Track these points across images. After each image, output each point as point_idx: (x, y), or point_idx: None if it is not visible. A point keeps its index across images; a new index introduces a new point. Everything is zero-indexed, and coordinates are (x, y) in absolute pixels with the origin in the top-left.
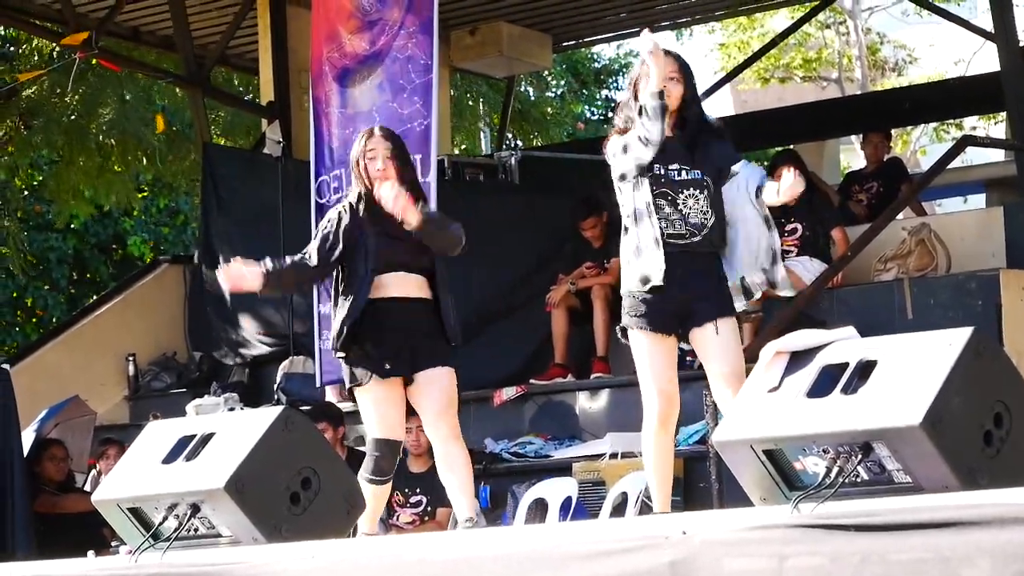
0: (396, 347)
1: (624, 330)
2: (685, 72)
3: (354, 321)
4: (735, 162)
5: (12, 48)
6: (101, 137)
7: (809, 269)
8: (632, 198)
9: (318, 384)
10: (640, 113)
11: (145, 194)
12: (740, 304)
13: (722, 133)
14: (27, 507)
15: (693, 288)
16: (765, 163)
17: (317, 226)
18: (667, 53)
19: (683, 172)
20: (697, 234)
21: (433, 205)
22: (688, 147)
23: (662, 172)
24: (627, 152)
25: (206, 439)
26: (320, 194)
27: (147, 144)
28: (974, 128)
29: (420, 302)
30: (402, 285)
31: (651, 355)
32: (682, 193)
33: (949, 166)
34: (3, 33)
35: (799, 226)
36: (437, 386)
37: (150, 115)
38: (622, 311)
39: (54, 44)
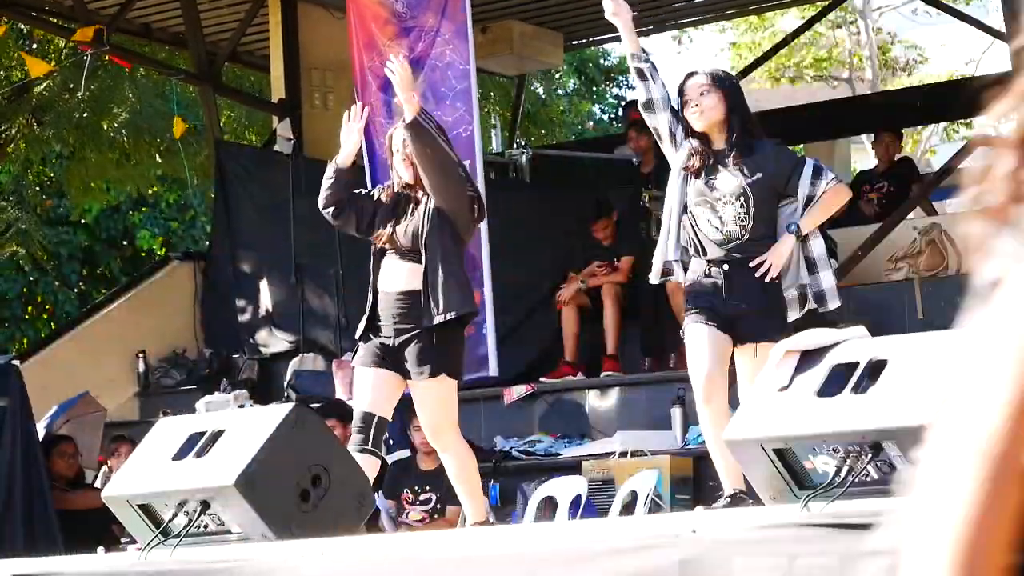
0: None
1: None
2: (717, 83)
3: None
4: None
5: (25, 43)
6: (113, 134)
7: None
8: None
9: None
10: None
11: (156, 189)
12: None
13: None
14: (35, 504)
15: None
16: None
17: None
18: (690, 74)
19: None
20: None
21: None
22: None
23: None
24: None
25: (216, 436)
26: None
27: (161, 140)
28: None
29: (413, 295)
30: (395, 275)
31: None
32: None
33: (960, 166)
34: (23, 30)
35: None
36: (426, 402)
37: (164, 111)
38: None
39: (66, 40)
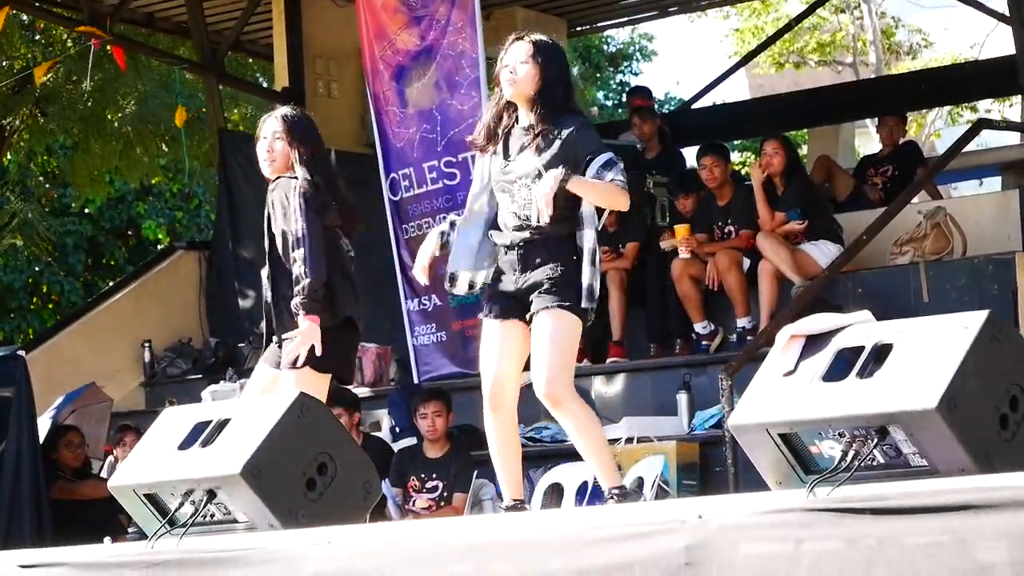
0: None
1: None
2: (539, 55)
3: None
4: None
5: (28, 33)
6: (117, 124)
7: (825, 252)
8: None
9: (417, 380)
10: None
11: (160, 179)
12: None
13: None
14: (38, 494)
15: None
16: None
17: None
18: (516, 39)
19: None
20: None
21: None
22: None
23: None
24: None
25: (222, 425)
26: (393, 191)
27: (166, 131)
28: (988, 111)
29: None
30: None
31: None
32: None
33: (964, 149)
34: (26, 20)
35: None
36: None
37: (168, 101)
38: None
39: (71, 30)
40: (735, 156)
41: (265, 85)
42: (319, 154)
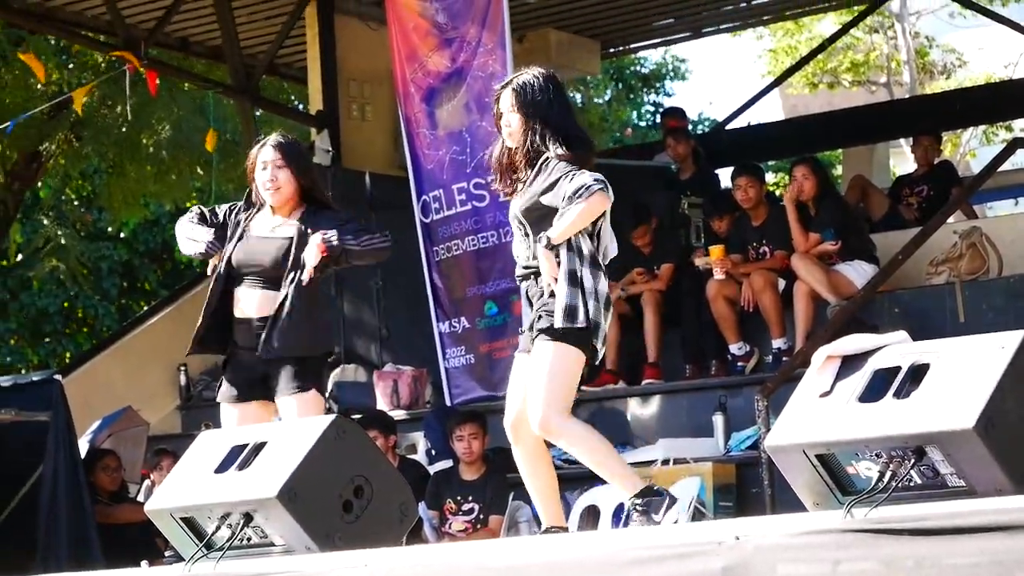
0: (248, 370)
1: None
2: (520, 104)
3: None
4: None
5: (63, 58)
6: (152, 149)
7: (860, 272)
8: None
9: (449, 403)
10: None
11: (195, 202)
12: None
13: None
14: (80, 518)
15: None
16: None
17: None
18: (503, 86)
19: None
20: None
21: None
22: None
23: None
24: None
25: (258, 448)
26: (424, 213)
27: (200, 154)
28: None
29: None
30: (251, 301)
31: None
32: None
33: (999, 169)
34: (58, 43)
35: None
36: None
37: (203, 125)
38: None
39: (106, 55)
40: (769, 177)
41: (300, 108)
42: (319, 179)
